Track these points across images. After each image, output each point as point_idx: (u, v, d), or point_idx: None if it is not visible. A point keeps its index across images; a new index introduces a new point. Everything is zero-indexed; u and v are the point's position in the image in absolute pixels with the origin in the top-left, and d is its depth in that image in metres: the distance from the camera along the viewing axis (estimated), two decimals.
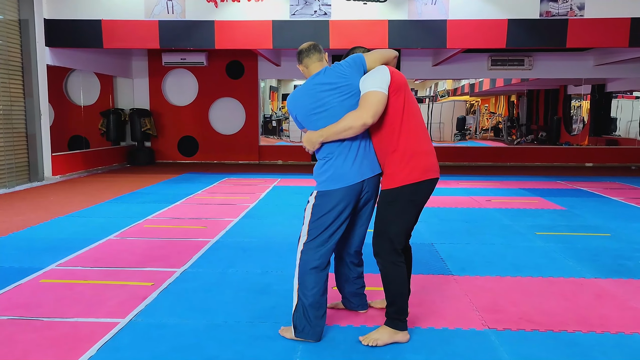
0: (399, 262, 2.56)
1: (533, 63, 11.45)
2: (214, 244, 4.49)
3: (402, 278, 2.56)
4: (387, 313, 2.61)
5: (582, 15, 8.09)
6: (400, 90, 2.51)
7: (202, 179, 8.83)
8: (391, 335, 2.57)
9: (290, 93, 2.63)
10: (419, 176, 2.51)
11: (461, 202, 6.62)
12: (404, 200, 2.53)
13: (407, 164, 2.50)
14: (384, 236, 2.56)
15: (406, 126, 2.52)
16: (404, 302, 2.57)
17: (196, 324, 2.82)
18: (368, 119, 2.42)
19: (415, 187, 2.52)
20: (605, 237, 4.80)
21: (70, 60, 9.29)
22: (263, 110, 15.04)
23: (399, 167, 2.51)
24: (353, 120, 2.44)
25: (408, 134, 2.52)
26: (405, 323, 2.59)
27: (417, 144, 2.53)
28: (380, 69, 2.55)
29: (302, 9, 8.24)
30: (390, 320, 2.59)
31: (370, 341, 2.54)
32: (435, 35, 8.22)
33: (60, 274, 3.67)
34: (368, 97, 2.44)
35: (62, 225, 5.25)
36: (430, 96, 25.80)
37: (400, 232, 2.55)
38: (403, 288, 2.57)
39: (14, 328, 2.76)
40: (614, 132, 14.93)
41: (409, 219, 2.57)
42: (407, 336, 2.60)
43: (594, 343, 2.61)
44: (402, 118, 2.52)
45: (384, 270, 2.58)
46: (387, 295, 2.59)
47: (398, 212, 2.54)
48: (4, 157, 7.79)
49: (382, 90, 2.45)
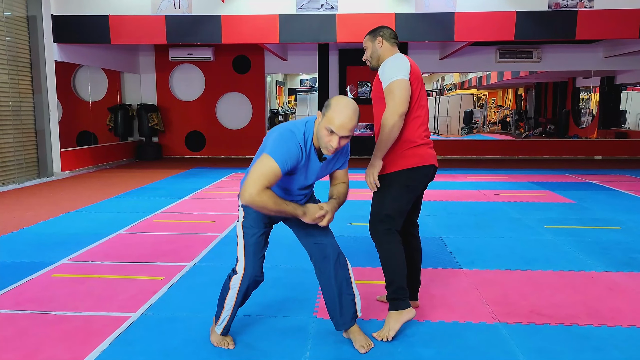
0: (393, 241, 2.58)
1: (542, 55, 11.35)
2: (223, 239, 4.50)
3: (398, 257, 2.57)
4: (387, 296, 2.61)
5: (591, 7, 8.00)
6: (416, 82, 2.57)
7: (210, 174, 8.85)
8: (398, 319, 2.55)
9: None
10: (416, 162, 2.57)
11: (469, 195, 6.59)
12: (399, 184, 2.58)
13: (406, 152, 2.56)
14: (377, 217, 2.62)
15: (414, 116, 2.57)
16: (402, 280, 2.57)
17: (207, 317, 2.83)
18: (400, 108, 2.46)
19: (411, 172, 2.57)
20: (616, 230, 4.77)
21: (78, 56, 9.32)
22: (270, 105, 15.03)
23: (397, 155, 2.57)
24: (390, 118, 2.47)
25: (414, 125, 2.58)
26: (406, 301, 2.58)
27: (419, 135, 2.60)
28: (399, 57, 2.59)
29: (309, 2, 8.21)
30: (392, 303, 2.59)
31: (384, 336, 2.53)
32: (442, 28, 8.16)
33: (71, 269, 3.70)
34: (393, 89, 2.48)
35: (72, 220, 5.29)
36: (438, 89, 25.67)
37: (393, 214, 2.59)
38: (400, 267, 2.57)
39: (27, 322, 2.79)
40: (623, 124, 14.80)
41: (403, 201, 2.61)
42: (413, 311, 2.59)
43: (605, 336, 2.60)
44: (413, 108, 2.56)
45: (380, 251, 2.62)
46: (386, 275, 2.61)
47: (392, 194, 2.59)
48: (14, 153, 7.84)
49: (404, 77, 2.49)
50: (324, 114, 2.18)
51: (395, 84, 2.48)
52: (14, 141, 7.86)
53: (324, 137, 2.16)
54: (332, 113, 2.14)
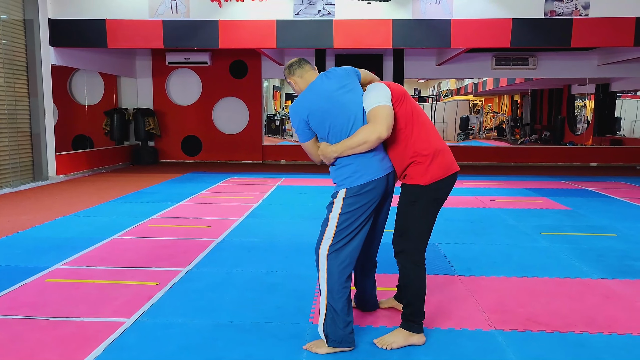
0: (421, 262, 2.54)
1: (537, 62, 11.41)
2: (219, 244, 4.49)
3: (421, 280, 2.54)
4: (402, 314, 2.59)
5: (586, 15, 8.05)
6: (403, 99, 2.53)
7: (206, 179, 8.84)
8: (406, 337, 2.55)
9: (297, 100, 2.53)
10: (443, 173, 2.51)
11: (465, 202, 6.60)
12: (427, 199, 2.51)
13: (430, 165, 2.49)
14: (406, 235, 2.54)
15: (418, 130, 2.53)
16: (421, 304, 2.55)
17: (202, 323, 2.81)
18: (383, 132, 2.38)
19: (439, 184, 2.51)
20: (611, 238, 4.78)
21: (74, 60, 9.30)
22: (266, 110, 15.03)
23: (421, 169, 2.50)
24: (368, 134, 2.38)
25: (422, 137, 2.52)
26: (421, 326, 2.57)
27: (432, 144, 2.53)
28: (378, 85, 2.56)
29: (306, 8, 8.23)
30: (405, 322, 2.57)
31: (385, 345, 2.52)
32: (439, 34, 8.20)
33: (65, 274, 3.67)
34: (378, 112, 2.41)
35: (66, 224, 5.26)
36: (434, 96, 25.75)
37: (424, 231, 2.55)
38: (421, 290, 2.55)
39: (20, 327, 2.76)
40: (618, 131, 14.88)
41: (432, 217, 2.56)
42: (423, 339, 2.57)
43: (601, 344, 2.60)
44: (413, 123, 2.53)
45: (404, 271, 2.56)
46: (405, 296, 2.57)
47: (421, 211, 2.52)
48: (9, 157, 7.81)
49: (388, 104, 2.45)
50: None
51: (380, 108, 2.42)
52: (9, 145, 7.82)
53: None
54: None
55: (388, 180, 2.52)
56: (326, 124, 2.47)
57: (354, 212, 2.44)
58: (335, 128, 2.46)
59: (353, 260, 2.48)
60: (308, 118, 2.48)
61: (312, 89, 2.53)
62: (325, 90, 2.50)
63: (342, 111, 2.46)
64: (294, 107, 2.53)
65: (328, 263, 2.45)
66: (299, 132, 2.56)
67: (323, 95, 2.49)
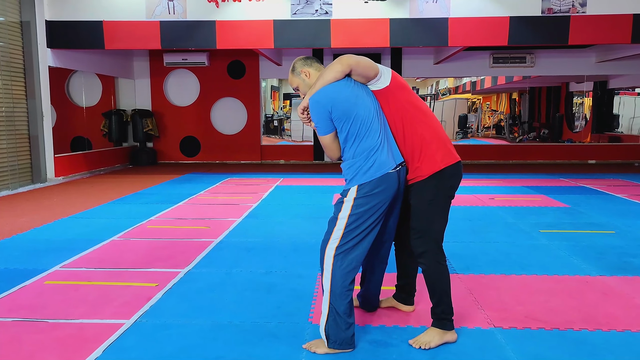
0: (443, 260, 2.55)
1: (535, 60, 11.42)
2: (218, 244, 4.49)
3: (447, 276, 2.55)
4: (434, 314, 2.58)
5: (584, 12, 8.06)
6: (405, 88, 2.55)
7: (205, 179, 8.83)
8: (441, 336, 2.55)
9: (321, 91, 2.43)
10: (454, 158, 2.53)
11: (464, 200, 6.61)
12: (443, 195, 2.52)
13: (440, 147, 2.50)
14: (428, 235, 2.52)
15: (427, 119, 2.54)
16: (450, 300, 2.56)
17: (201, 324, 2.81)
18: (351, 59, 2.42)
19: (452, 170, 2.51)
20: (610, 235, 4.79)
21: (72, 61, 9.29)
22: (265, 110, 15.03)
23: (432, 150, 2.49)
24: (336, 61, 2.43)
25: (430, 125, 2.53)
26: (452, 322, 2.58)
27: (441, 133, 2.56)
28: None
29: (303, 8, 8.23)
30: (438, 320, 2.57)
31: (422, 344, 2.51)
32: (436, 33, 8.20)
33: (64, 275, 3.67)
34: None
35: (65, 226, 5.26)
36: (432, 94, 25.77)
37: (442, 229, 2.56)
38: (449, 287, 2.56)
39: (19, 329, 2.76)
40: (616, 128, 14.90)
41: (447, 213, 2.57)
42: (455, 335, 2.58)
43: (600, 341, 2.60)
44: (423, 112, 2.54)
45: (429, 271, 2.55)
46: (433, 295, 2.57)
47: (439, 209, 2.53)
48: (7, 159, 7.80)
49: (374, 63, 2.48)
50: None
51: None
52: (7, 147, 7.81)
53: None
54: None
55: (399, 180, 2.47)
56: (351, 114, 2.41)
57: (364, 213, 2.39)
58: (359, 119, 2.41)
59: (359, 264, 2.45)
60: (332, 109, 2.41)
61: (333, 83, 2.47)
62: (344, 83, 2.47)
63: (364, 102, 2.46)
64: (316, 97, 2.43)
65: (333, 265, 2.41)
66: (319, 124, 2.46)
67: (346, 87, 2.46)
